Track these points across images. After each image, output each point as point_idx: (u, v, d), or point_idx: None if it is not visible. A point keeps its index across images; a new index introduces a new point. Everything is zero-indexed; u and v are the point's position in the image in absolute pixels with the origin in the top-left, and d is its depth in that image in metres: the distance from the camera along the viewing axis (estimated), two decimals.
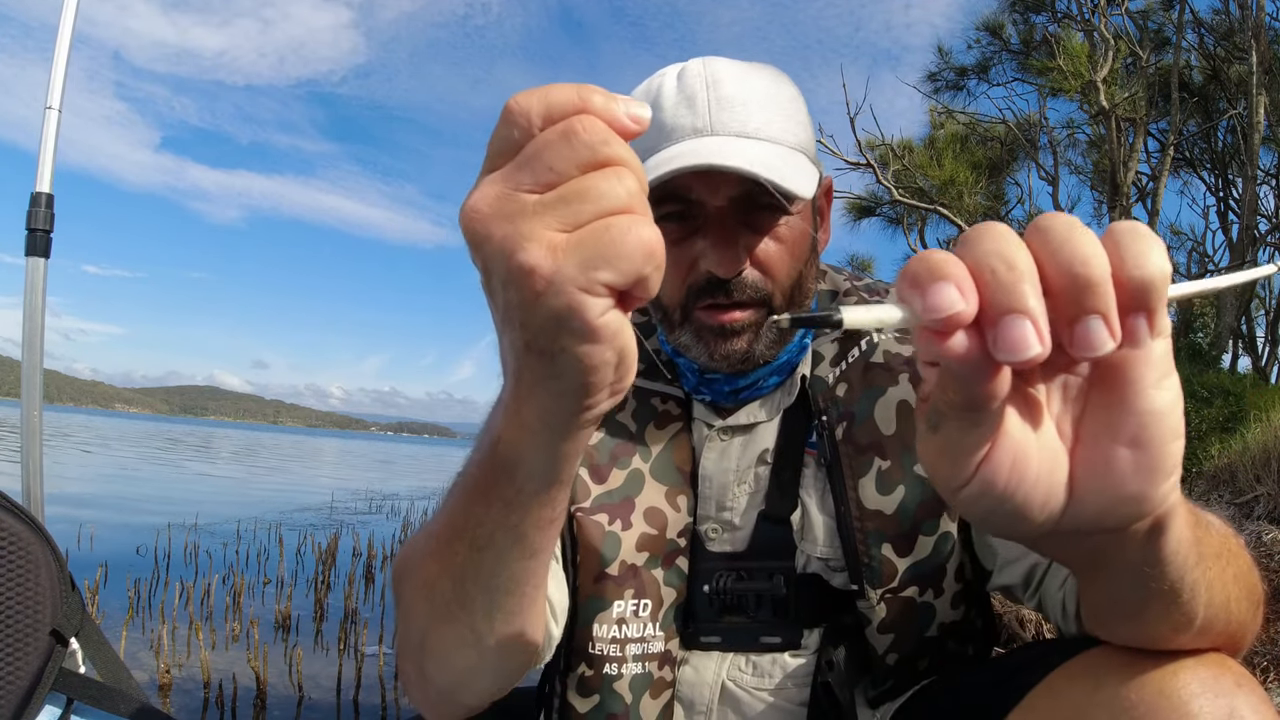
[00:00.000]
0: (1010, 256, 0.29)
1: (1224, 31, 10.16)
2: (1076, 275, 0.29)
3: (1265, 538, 3.17)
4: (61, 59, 1.55)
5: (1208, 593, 0.42)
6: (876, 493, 0.72)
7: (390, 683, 2.77)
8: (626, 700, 0.72)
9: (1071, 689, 0.50)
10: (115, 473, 12.45)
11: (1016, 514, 0.33)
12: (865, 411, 0.75)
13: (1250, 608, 0.48)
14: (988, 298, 0.28)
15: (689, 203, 0.71)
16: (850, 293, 0.86)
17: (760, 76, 0.74)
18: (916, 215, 12.39)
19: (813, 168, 0.73)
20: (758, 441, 0.79)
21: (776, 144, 0.71)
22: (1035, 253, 0.30)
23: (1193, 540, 0.40)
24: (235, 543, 5.66)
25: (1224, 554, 0.44)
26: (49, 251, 1.52)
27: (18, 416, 1.51)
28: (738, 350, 0.73)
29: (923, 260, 0.29)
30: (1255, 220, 9.37)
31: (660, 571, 0.75)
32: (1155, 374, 0.31)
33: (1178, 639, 0.45)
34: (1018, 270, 0.28)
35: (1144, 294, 0.29)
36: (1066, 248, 0.29)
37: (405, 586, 0.57)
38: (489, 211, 0.32)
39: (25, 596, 0.96)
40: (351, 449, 46.89)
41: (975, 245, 0.30)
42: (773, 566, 0.75)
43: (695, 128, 0.69)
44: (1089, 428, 0.33)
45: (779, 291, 0.73)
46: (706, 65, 0.72)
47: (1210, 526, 0.44)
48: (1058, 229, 0.30)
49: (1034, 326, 0.28)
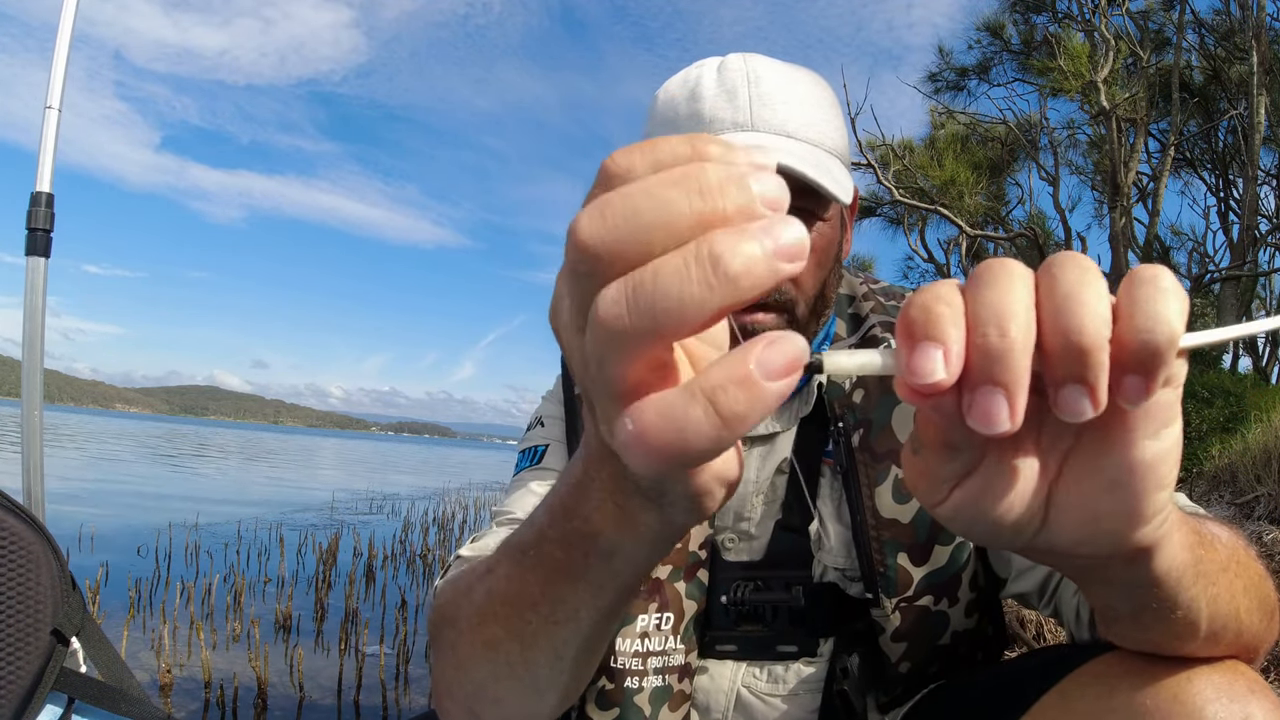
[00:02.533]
0: (1006, 320, 0.27)
1: (1224, 32, 10.16)
2: (1070, 343, 0.27)
3: (1265, 538, 3.17)
4: (61, 58, 1.55)
5: (1210, 606, 0.42)
6: (893, 501, 0.71)
7: (391, 683, 2.77)
8: (646, 713, 0.72)
9: (1084, 695, 0.50)
10: (116, 473, 12.45)
11: (990, 534, 0.33)
12: (882, 419, 0.74)
13: (1263, 618, 0.47)
14: (974, 362, 0.27)
15: None
16: (868, 296, 0.85)
17: (801, 78, 0.72)
18: (917, 215, 12.39)
19: (850, 176, 0.72)
20: (776, 452, 0.79)
21: (816, 146, 0.69)
22: (1039, 305, 0.28)
23: (1190, 561, 0.39)
24: (236, 542, 5.66)
25: (1231, 567, 0.44)
26: (49, 251, 1.52)
27: (18, 416, 1.51)
28: None
29: (923, 309, 0.28)
30: (1256, 220, 9.36)
31: (683, 584, 0.74)
32: (1151, 425, 0.30)
33: (1183, 648, 0.45)
34: (1009, 339, 0.27)
35: (1147, 359, 0.28)
36: (1066, 309, 0.28)
37: (458, 640, 0.53)
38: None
39: (26, 596, 0.96)
40: (352, 449, 46.90)
41: (978, 296, 0.28)
42: (790, 576, 0.74)
43: (736, 121, 0.67)
44: (1075, 463, 0.32)
45: (803, 299, 0.72)
46: (747, 60, 0.70)
47: (1216, 542, 0.44)
48: (1065, 283, 0.28)
49: (1008, 403, 0.27)
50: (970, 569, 0.72)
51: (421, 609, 3.99)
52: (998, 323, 0.27)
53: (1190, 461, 5.08)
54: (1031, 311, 0.28)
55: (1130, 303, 0.28)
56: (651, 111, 0.75)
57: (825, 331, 0.81)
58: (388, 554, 5.43)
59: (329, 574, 4.45)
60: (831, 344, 0.81)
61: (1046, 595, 0.69)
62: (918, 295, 0.29)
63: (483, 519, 8.41)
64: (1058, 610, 0.69)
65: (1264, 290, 12.32)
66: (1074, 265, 0.29)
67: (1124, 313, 0.28)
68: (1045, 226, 11.87)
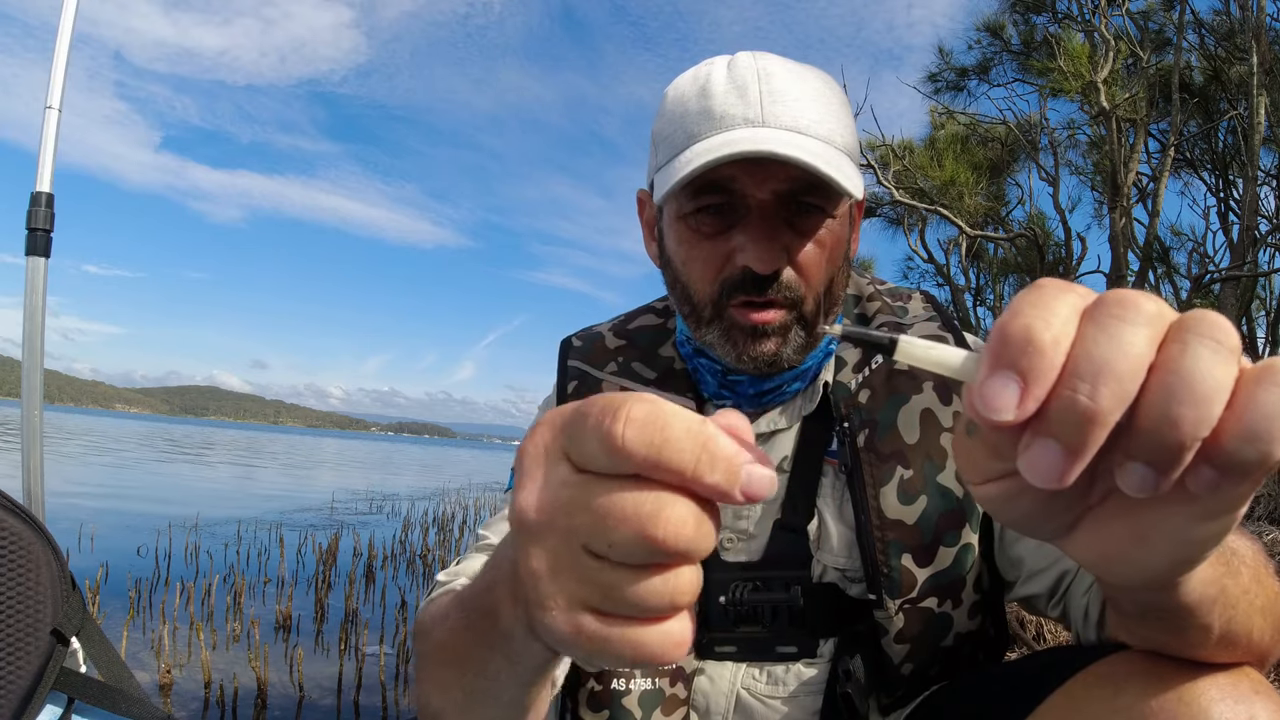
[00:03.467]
0: (1105, 381, 0.24)
1: (1225, 32, 10.16)
2: (1164, 433, 0.24)
3: (1265, 538, 3.17)
4: (62, 58, 1.55)
5: (1226, 626, 0.42)
6: (898, 502, 0.71)
7: (391, 683, 2.76)
8: (636, 715, 0.71)
9: (1090, 695, 0.50)
10: (116, 473, 12.44)
11: (1013, 525, 0.32)
12: (889, 419, 0.73)
13: (1273, 634, 0.47)
14: (1051, 408, 0.25)
15: (731, 194, 0.69)
16: (874, 297, 0.84)
17: (812, 76, 0.72)
18: (917, 216, 12.38)
19: (859, 173, 0.72)
20: (777, 450, 0.78)
21: (826, 143, 0.69)
22: (1153, 367, 0.25)
23: (1213, 595, 0.39)
24: (236, 543, 5.66)
25: (1252, 589, 0.44)
26: (49, 251, 1.52)
27: (18, 416, 1.51)
28: (767, 352, 0.72)
29: (1025, 330, 0.25)
30: (1256, 221, 9.36)
31: None
32: (1214, 508, 0.28)
33: (1190, 652, 0.46)
34: (1098, 406, 0.24)
35: (1239, 465, 0.25)
36: (1178, 396, 0.24)
37: (422, 672, 0.55)
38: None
39: (26, 596, 0.96)
40: (352, 449, 46.88)
41: (1090, 336, 0.25)
42: (789, 576, 0.74)
43: (747, 117, 0.67)
44: (1118, 502, 0.30)
45: (811, 296, 0.72)
46: (757, 59, 0.71)
47: (1241, 566, 0.43)
48: (1189, 361, 0.25)
49: (1064, 466, 0.25)
50: (975, 571, 0.71)
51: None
52: (1094, 380, 0.24)
53: None
54: (1140, 375, 0.25)
55: (1250, 404, 0.25)
56: (661, 109, 0.74)
57: None
58: (387, 554, 5.43)
59: (329, 574, 4.45)
60: (838, 345, 0.81)
61: (1056, 597, 0.68)
62: (1031, 305, 0.26)
63: (482, 520, 8.40)
64: (1066, 612, 0.68)
65: (1264, 291, 12.31)
66: (1208, 341, 0.25)
67: (1239, 410, 0.25)
68: (1045, 227, 11.86)
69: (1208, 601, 0.40)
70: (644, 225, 0.83)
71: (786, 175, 0.67)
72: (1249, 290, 10.82)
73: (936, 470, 0.71)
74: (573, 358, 0.86)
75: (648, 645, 0.28)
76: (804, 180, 0.67)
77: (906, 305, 0.84)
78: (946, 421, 0.73)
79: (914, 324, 0.81)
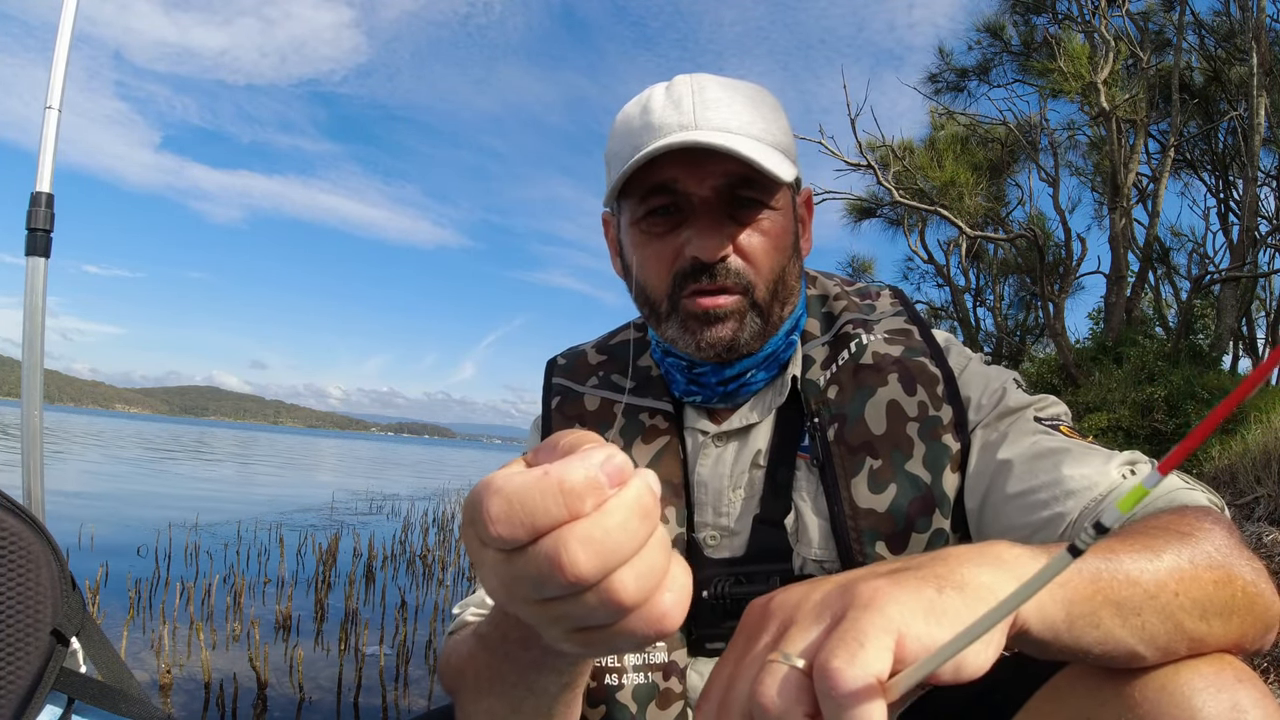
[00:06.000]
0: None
1: (1225, 33, 10.17)
2: None
3: (1265, 539, 3.17)
4: (62, 58, 1.55)
5: (1141, 633, 0.44)
6: (869, 491, 0.73)
7: (390, 683, 2.76)
8: (632, 710, 0.73)
9: (1075, 688, 0.50)
10: (116, 473, 12.44)
11: None
12: (856, 412, 0.77)
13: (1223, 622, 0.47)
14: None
15: (675, 194, 0.74)
16: (840, 297, 0.87)
17: (744, 86, 0.78)
18: (917, 216, 12.40)
19: (792, 165, 0.77)
20: (751, 445, 0.81)
21: (758, 141, 0.74)
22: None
23: (1079, 614, 0.42)
24: (236, 543, 5.66)
25: (1163, 593, 0.45)
26: (49, 251, 1.52)
27: (18, 416, 1.51)
28: (723, 337, 0.76)
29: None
30: (1256, 222, 9.36)
31: None
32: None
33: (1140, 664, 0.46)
34: None
35: None
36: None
37: (467, 703, 0.62)
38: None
39: (26, 596, 0.96)
40: (351, 449, 46.90)
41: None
42: (770, 570, 0.76)
43: (681, 124, 0.73)
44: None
45: (762, 282, 0.76)
46: (694, 78, 0.77)
47: (1140, 575, 0.44)
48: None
49: None
50: None
51: (421, 610, 4.00)
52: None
53: (1190, 463, 5.08)
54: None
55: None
56: (611, 133, 0.81)
57: (795, 323, 0.83)
58: (387, 554, 5.43)
59: (329, 574, 4.44)
60: (802, 340, 0.84)
61: None
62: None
63: None
64: None
65: (1264, 291, 12.32)
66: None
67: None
68: (1045, 227, 11.87)
69: (1077, 627, 0.42)
70: (609, 244, 0.88)
71: (723, 170, 0.73)
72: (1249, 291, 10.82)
73: (904, 459, 0.74)
74: (557, 375, 0.91)
75: (637, 632, 0.34)
76: (739, 175, 0.73)
77: (874, 303, 0.88)
78: (912, 411, 0.76)
79: (881, 319, 0.84)
